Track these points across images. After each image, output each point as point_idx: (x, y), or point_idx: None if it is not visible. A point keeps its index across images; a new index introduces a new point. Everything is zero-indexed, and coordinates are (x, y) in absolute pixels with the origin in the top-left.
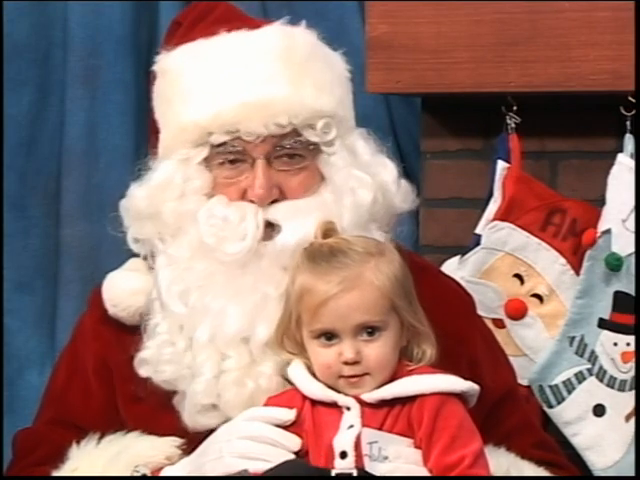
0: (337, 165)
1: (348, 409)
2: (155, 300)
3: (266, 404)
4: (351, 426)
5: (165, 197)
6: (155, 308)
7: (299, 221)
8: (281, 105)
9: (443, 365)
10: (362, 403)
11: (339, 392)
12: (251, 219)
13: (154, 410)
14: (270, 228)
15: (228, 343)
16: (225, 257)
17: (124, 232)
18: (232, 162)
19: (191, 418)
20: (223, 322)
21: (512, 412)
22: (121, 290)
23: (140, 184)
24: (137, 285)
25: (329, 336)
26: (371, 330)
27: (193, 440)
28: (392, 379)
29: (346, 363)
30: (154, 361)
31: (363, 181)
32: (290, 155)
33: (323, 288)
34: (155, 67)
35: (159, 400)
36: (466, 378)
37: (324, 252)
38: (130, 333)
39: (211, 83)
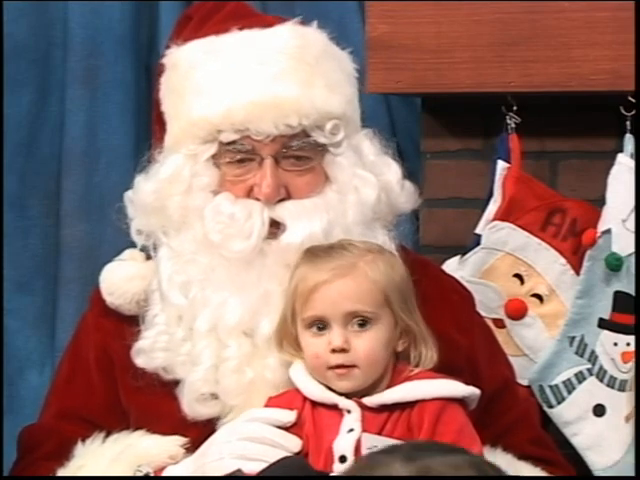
0: (342, 165)
1: (349, 412)
2: (155, 291)
3: (266, 405)
4: (351, 430)
5: (172, 191)
6: (154, 299)
7: (305, 220)
8: (292, 106)
9: (443, 353)
10: (363, 407)
11: (340, 395)
12: (257, 217)
13: (155, 399)
14: (274, 226)
15: (229, 333)
16: (230, 254)
17: (127, 225)
18: (240, 160)
19: (190, 407)
20: (224, 313)
21: (510, 407)
22: (117, 277)
23: (147, 177)
24: (132, 271)
25: (320, 325)
26: (362, 322)
27: (193, 429)
28: (392, 384)
29: (334, 351)
30: (149, 349)
31: (367, 180)
32: (297, 156)
33: (315, 275)
34: (164, 60)
35: (160, 389)
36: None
37: (324, 247)
38: (130, 324)
39: (223, 80)
